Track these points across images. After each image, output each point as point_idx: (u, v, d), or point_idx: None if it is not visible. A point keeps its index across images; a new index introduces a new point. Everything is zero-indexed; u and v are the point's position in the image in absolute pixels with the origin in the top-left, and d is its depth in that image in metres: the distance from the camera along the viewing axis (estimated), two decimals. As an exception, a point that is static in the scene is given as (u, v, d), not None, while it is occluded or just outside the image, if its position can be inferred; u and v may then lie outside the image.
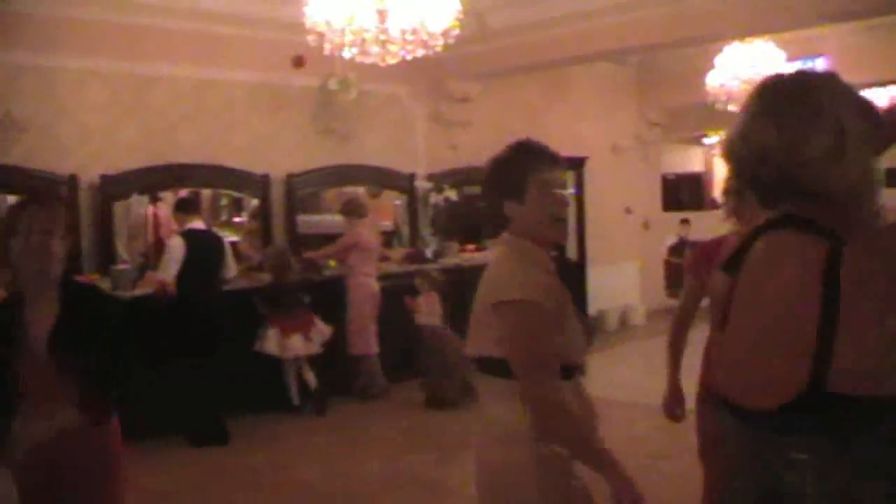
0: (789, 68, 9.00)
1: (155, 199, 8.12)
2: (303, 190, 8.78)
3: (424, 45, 5.98)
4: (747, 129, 1.53)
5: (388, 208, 10.00)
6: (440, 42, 5.96)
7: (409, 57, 6.09)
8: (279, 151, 8.57)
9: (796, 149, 1.47)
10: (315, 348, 7.47)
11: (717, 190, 17.04)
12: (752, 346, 1.43)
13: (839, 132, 1.48)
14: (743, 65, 9.07)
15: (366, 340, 7.91)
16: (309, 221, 8.90)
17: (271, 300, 7.40)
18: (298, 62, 8.17)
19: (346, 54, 6.03)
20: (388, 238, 9.54)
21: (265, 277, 7.65)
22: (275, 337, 7.28)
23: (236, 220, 9.11)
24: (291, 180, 8.56)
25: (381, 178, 9.44)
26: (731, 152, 1.59)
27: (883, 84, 11.77)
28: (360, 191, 9.45)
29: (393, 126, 9.61)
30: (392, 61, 6.12)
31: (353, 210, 8.09)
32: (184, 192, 7.82)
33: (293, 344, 7.31)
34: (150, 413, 5.83)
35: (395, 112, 9.61)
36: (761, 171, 1.50)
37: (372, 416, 7.50)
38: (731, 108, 9.28)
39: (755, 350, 1.42)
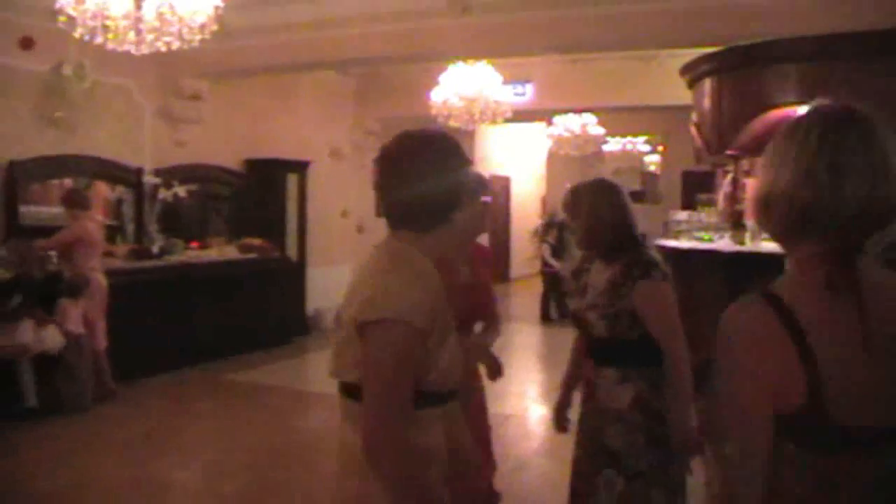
0: (504, 90, 9.87)
1: None
2: (26, 179, 8.29)
3: (181, 37, 5.99)
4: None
5: (103, 202, 9.62)
6: (198, 37, 5.99)
7: (164, 49, 6.05)
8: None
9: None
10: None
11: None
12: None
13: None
14: (465, 84, 9.72)
15: (96, 337, 7.60)
16: (33, 213, 8.38)
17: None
18: (26, 44, 7.79)
19: (99, 40, 5.86)
20: (110, 233, 9.08)
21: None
22: (30, 328, 6.89)
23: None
24: (14, 168, 8.08)
25: (108, 171, 9.12)
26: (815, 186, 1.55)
27: (577, 111, 13.11)
28: (68, 182, 8.99)
29: (121, 119, 9.31)
30: (146, 51, 6.05)
31: (75, 201, 7.72)
32: None
33: (49, 335, 6.98)
34: None
35: (123, 105, 9.32)
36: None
37: (105, 419, 7.16)
38: (452, 123, 9.92)
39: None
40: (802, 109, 2.08)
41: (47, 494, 5.42)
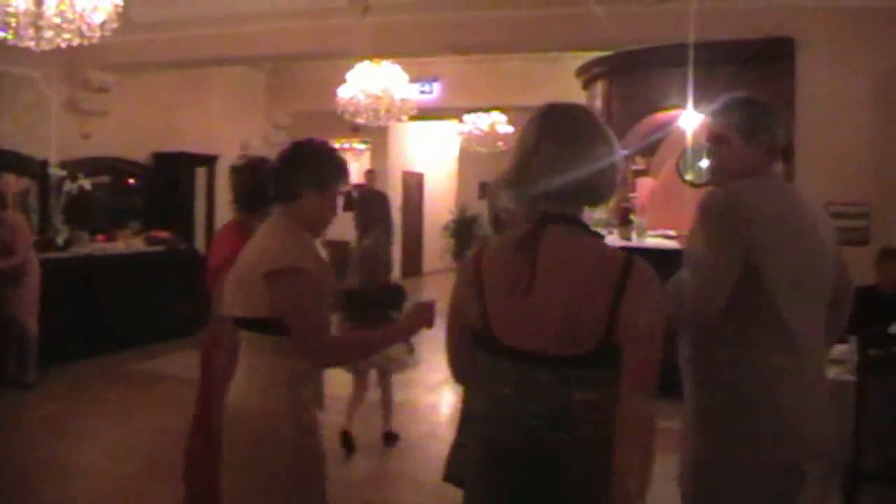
0: (411, 88, 10.11)
1: None
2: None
3: (81, 34, 6.10)
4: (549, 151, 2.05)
5: (11, 194, 9.63)
6: (98, 34, 6.11)
7: (63, 45, 6.16)
8: None
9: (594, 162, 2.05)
10: None
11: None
12: (563, 310, 1.96)
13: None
14: (371, 82, 9.92)
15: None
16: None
17: None
18: (-69, 36, 7.78)
19: (0, 34, 5.93)
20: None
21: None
22: None
23: None
24: (-86, 159, 8.07)
25: (12, 163, 9.14)
26: (530, 172, 2.07)
27: (486, 110, 13.46)
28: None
29: (27, 110, 9.35)
30: (47, 47, 6.14)
31: (4, 202, 7.97)
32: None
33: None
34: None
35: (29, 96, 9.37)
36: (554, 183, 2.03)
37: (8, 404, 7.35)
38: (358, 120, 10.14)
39: (566, 313, 1.96)
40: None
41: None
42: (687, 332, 2.68)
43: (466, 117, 14.14)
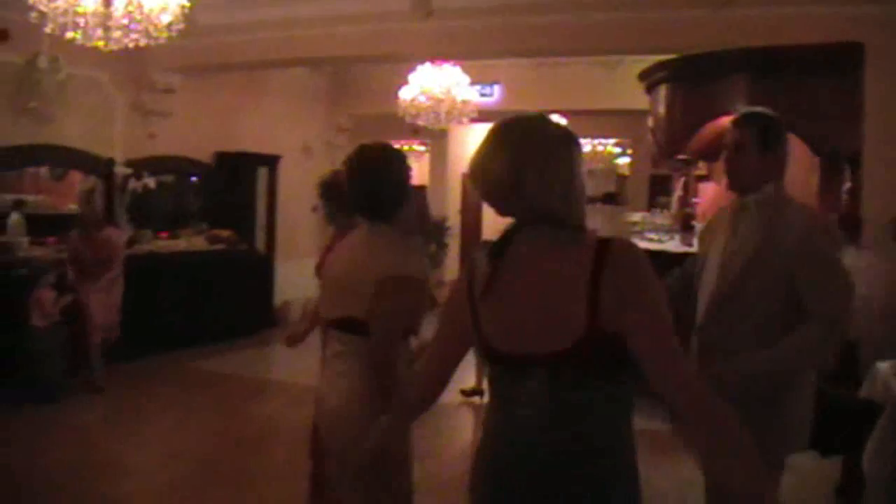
0: (472, 91, 10.10)
1: None
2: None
3: (148, 34, 6.20)
4: (512, 160, 2.00)
5: (74, 191, 9.83)
6: (165, 35, 6.21)
7: (131, 45, 6.27)
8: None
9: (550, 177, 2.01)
10: None
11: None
12: (535, 305, 1.94)
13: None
14: (432, 84, 9.97)
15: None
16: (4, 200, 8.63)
17: None
18: (2, 36, 7.96)
19: (69, 35, 6.06)
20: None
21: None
22: None
23: None
24: (-14, 156, 8.26)
25: (80, 162, 9.35)
26: (493, 176, 2.04)
27: (546, 113, 13.34)
28: (43, 171, 9.35)
29: (93, 110, 9.54)
30: (114, 48, 6.26)
31: (98, 222, 8.27)
32: None
33: None
34: None
35: (96, 96, 9.55)
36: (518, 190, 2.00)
37: (68, 403, 7.38)
38: (420, 122, 10.17)
39: (539, 308, 1.94)
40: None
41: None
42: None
43: (526, 120, 14.07)
